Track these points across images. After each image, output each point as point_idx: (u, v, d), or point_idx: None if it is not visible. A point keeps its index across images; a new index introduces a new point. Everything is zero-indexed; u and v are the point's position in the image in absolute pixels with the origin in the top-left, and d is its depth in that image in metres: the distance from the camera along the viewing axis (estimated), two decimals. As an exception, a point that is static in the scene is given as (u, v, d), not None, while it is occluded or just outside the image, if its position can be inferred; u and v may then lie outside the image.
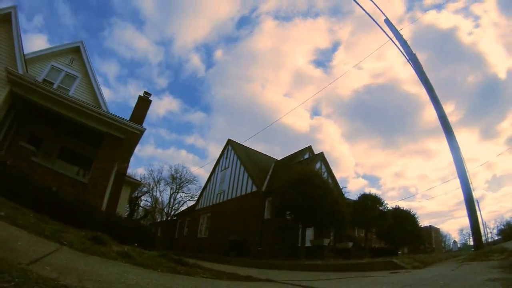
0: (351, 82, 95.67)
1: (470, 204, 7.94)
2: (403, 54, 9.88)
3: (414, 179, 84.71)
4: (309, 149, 22.75)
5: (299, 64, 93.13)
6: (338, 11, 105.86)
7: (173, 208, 48.16)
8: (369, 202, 16.28)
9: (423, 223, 23.44)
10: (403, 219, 17.16)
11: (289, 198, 12.63)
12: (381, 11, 10.54)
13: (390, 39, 10.26)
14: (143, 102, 14.12)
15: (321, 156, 19.58)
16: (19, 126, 12.21)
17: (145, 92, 14.37)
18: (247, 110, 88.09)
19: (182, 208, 43.61)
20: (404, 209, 18.81)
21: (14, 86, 10.15)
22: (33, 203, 5.49)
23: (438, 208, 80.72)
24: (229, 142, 25.52)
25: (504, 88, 76.47)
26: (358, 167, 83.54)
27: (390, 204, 20.79)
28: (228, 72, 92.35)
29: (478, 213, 8.47)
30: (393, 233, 16.49)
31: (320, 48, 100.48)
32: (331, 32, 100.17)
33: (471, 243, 16.31)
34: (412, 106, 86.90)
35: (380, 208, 16.44)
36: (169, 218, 41.91)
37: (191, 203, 41.27)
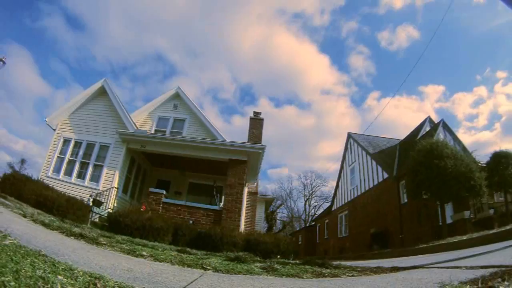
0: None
1: None
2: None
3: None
4: (428, 119, 21.98)
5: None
6: None
7: (310, 214, 49.16)
8: (503, 160, 14.91)
9: None
10: None
11: (420, 176, 12.60)
12: None
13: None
14: (256, 122, 15.13)
15: (443, 124, 18.67)
16: (145, 175, 14.41)
17: (255, 112, 15.37)
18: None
19: (319, 212, 44.28)
20: None
21: (130, 144, 12.14)
22: (172, 238, 6.14)
23: None
24: (350, 136, 26.57)
25: None
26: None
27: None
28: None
29: None
30: (533, 190, 14.70)
31: None
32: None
33: None
34: None
35: None
36: (307, 225, 42.89)
37: (326, 204, 41.44)
